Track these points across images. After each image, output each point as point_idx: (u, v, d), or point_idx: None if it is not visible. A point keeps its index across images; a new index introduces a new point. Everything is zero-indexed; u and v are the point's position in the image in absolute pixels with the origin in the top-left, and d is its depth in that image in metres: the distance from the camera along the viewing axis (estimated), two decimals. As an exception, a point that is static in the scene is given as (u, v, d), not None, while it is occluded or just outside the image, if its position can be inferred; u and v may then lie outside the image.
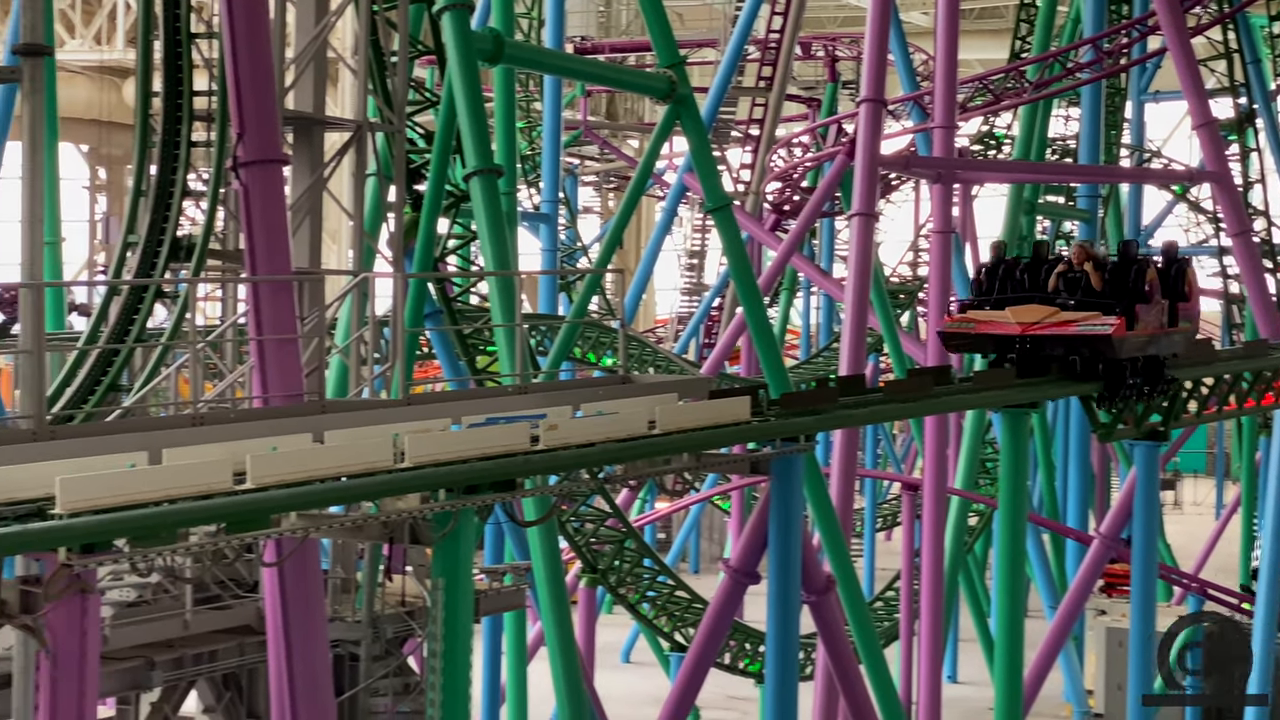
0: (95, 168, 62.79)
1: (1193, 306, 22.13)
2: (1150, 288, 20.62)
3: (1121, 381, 20.88)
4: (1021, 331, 20.28)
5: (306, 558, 15.39)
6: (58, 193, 27.45)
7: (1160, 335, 21.11)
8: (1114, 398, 21.21)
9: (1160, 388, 21.96)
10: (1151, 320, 20.73)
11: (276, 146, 15.46)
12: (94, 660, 12.37)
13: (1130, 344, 20.35)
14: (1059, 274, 20.81)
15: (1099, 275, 20.53)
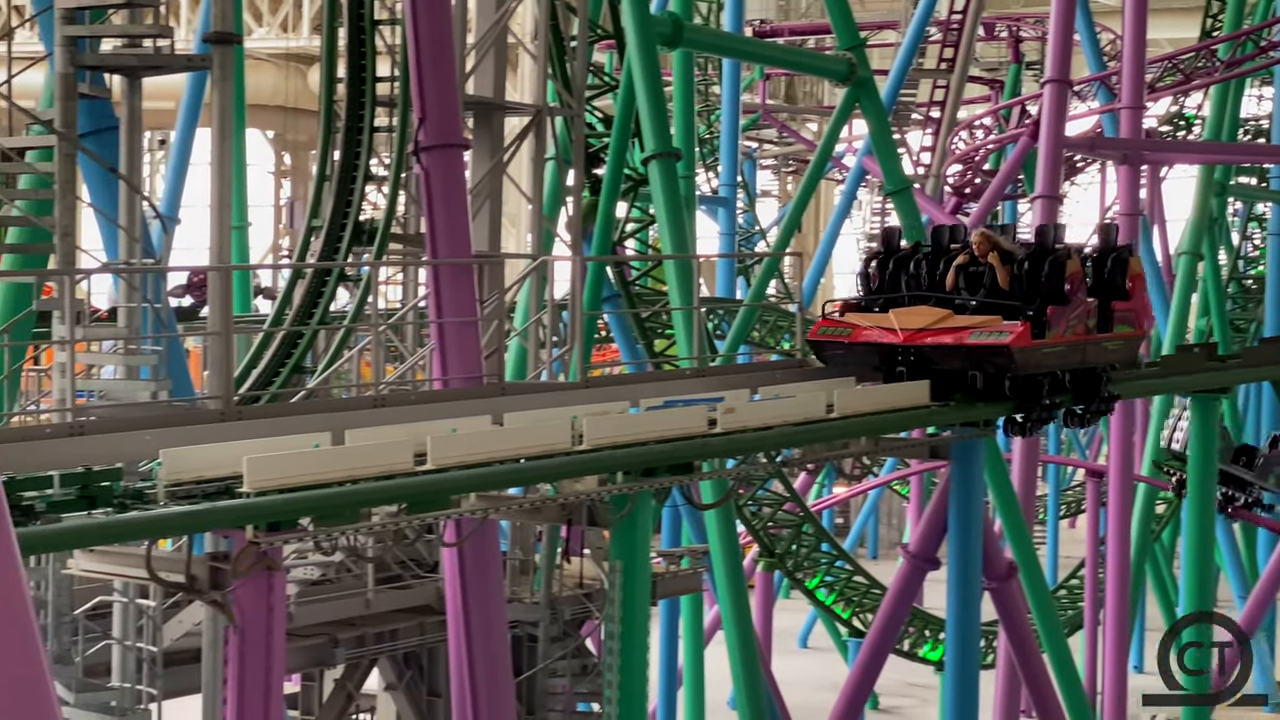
0: (281, 153, 63.87)
1: (1135, 305, 18.02)
2: (1071, 284, 16.66)
3: (1036, 401, 16.79)
4: (904, 341, 16.13)
5: (485, 539, 15.52)
6: (245, 178, 27.97)
7: (1085, 343, 17.09)
8: (1030, 423, 17.19)
9: (1096, 407, 17.96)
10: (1073, 325, 16.75)
11: (457, 131, 15.59)
12: (280, 636, 12.59)
13: (1038, 356, 16.32)
14: (958, 268, 16.77)
15: (1006, 270, 16.59)
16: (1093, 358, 17.35)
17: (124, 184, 13.71)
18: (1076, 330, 16.80)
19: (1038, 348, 16.18)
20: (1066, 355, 16.80)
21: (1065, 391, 17.30)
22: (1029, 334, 16.03)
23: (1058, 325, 16.45)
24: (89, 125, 13.98)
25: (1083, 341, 16.97)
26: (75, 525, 10.54)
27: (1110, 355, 17.75)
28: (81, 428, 11.83)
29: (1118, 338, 17.73)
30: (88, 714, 14.03)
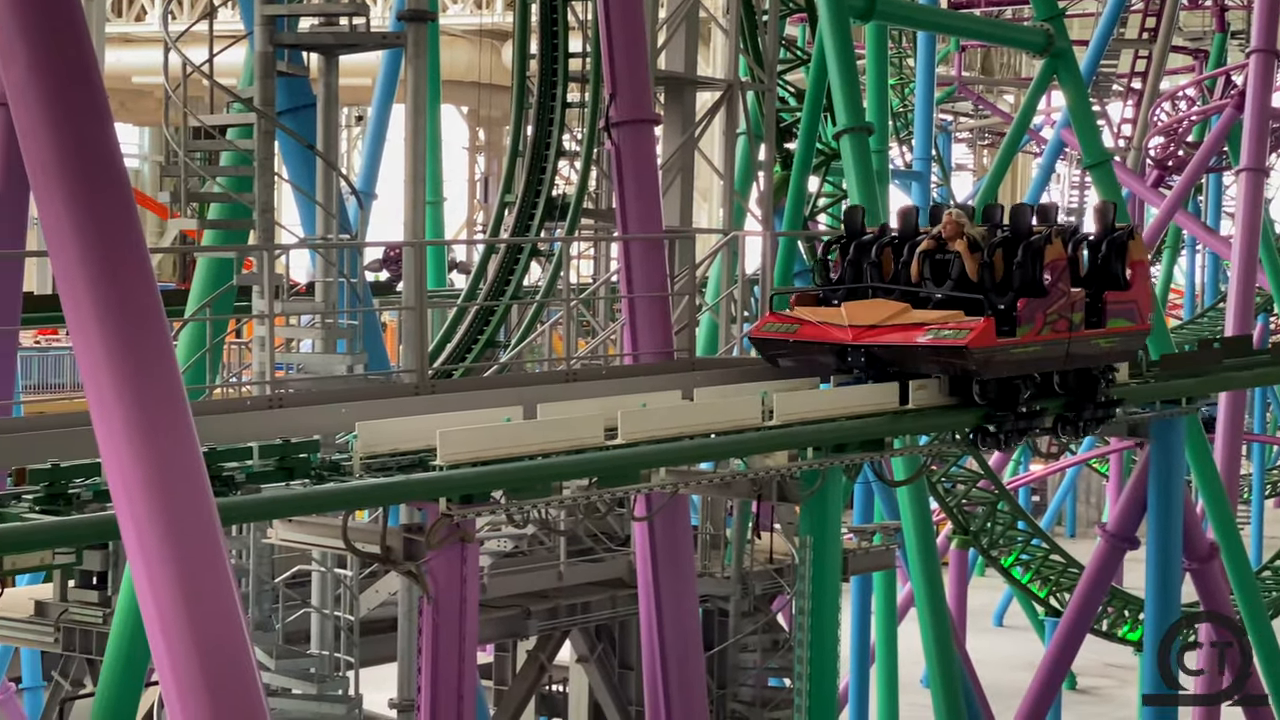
0: (475, 129, 64.50)
1: (1136, 296, 15.58)
2: (1050, 273, 14.49)
3: (1010, 408, 14.61)
4: (852, 339, 14.16)
5: (676, 513, 15.56)
6: (439, 154, 28.26)
7: (1069, 341, 14.80)
8: (1005, 433, 14.85)
9: (1092, 414, 15.66)
10: (1052, 320, 14.51)
11: (648, 106, 15.61)
12: (473, 607, 12.76)
13: (1004, 357, 14.17)
14: (922, 254, 14.68)
15: (975, 258, 14.47)
16: (1081, 357, 15.06)
17: (321, 160, 13.93)
18: (1057, 326, 14.52)
19: (1004, 348, 14.03)
20: (1044, 355, 14.55)
21: (1054, 396, 15.15)
22: (992, 331, 13.87)
23: (1031, 321, 14.20)
24: (287, 103, 14.22)
25: (1065, 339, 14.67)
26: (273, 496, 10.77)
27: (1104, 354, 15.43)
28: (280, 400, 12.08)
29: (1113, 333, 15.33)
30: (287, 680, 14.31)
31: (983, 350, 13.82)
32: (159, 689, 11.40)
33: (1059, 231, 14.74)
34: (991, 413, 14.45)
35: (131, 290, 7.78)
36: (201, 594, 7.87)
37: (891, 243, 14.98)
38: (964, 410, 14.45)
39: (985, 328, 13.81)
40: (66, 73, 7.75)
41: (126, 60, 48.20)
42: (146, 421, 7.75)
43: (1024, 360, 14.32)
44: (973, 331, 13.74)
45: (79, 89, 7.79)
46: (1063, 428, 15.41)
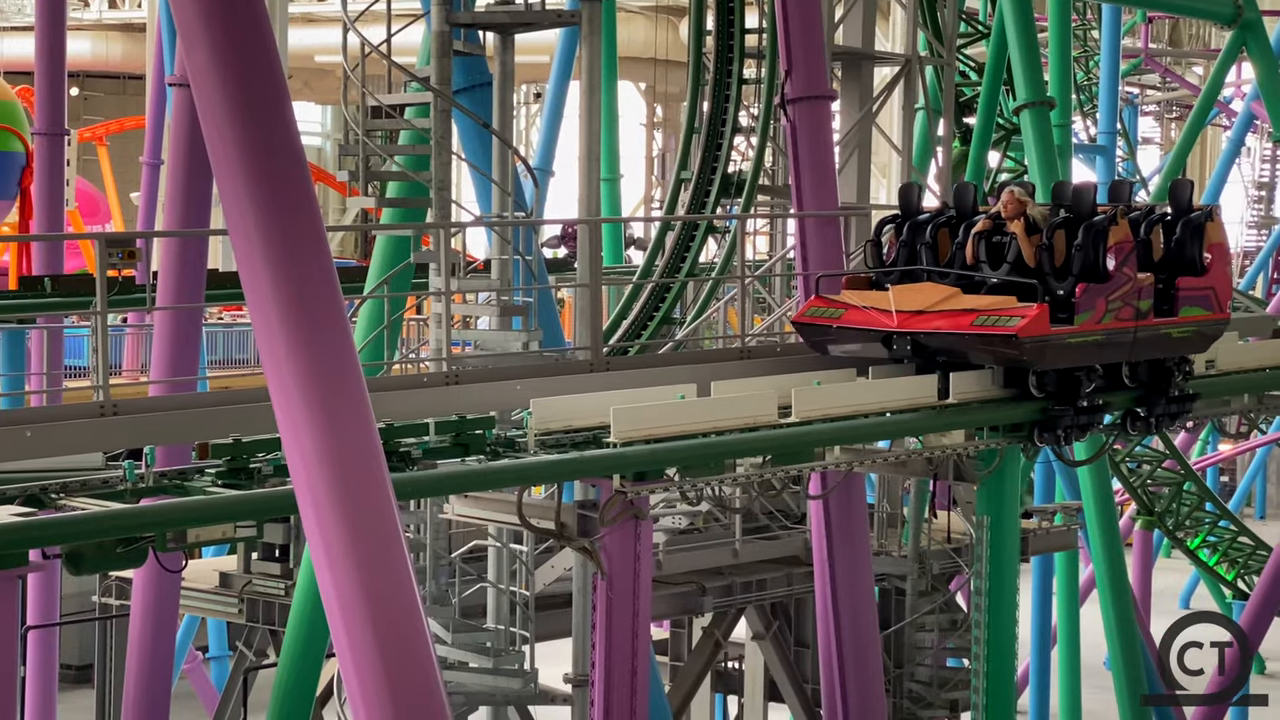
0: (652, 105, 64.59)
1: (1213, 282, 14.39)
2: (1115, 256, 13.41)
3: (1071, 401, 13.56)
4: (897, 325, 13.22)
5: (851, 491, 15.48)
6: (616, 131, 28.35)
7: (1135, 330, 13.70)
8: (1064, 429, 13.69)
9: (1164, 409, 14.47)
10: (1115, 307, 13.45)
11: (824, 82, 15.50)
12: (647, 583, 12.80)
13: (1060, 346, 13.16)
14: (977, 235, 13.70)
15: (1033, 239, 13.52)
16: (1149, 347, 13.95)
17: (496, 138, 14.03)
18: (1121, 314, 13.45)
19: (1060, 337, 13.02)
20: (1107, 345, 13.51)
21: (1123, 389, 14.09)
22: (1045, 319, 12.88)
23: (1091, 308, 13.18)
24: (463, 81, 14.35)
25: (1130, 328, 13.59)
26: (449, 472, 10.91)
27: (1176, 344, 14.24)
28: (456, 377, 12.20)
29: (1186, 322, 14.15)
30: (464, 653, 14.49)
31: (1035, 339, 12.80)
32: (338, 660, 11.58)
33: (1125, 212, 13.68)
34: (1050, 407, 13.43)
35: (308, 268, 7.89)
36: (377, 568, 7.97)
37: (949, 223, 14.05)
38: (1019, 404, 13.42)
39: (1038, 315, 12.80)
40: (246, 55, 7.87)
41: (309, 40, 48.95)
42: (323, 397, 7.86)
43: (1083, 350, 13.28)
44: (1025, 319, 12.75)
45: (258, 71, 7.90)
46: (1132, 423, 14.40)
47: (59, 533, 9.22)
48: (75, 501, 9.52)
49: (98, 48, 56.42)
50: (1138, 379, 14.06)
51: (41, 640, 19.13)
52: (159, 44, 25.28)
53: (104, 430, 10.30)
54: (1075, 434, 13.75)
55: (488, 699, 14.97)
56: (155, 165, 27.11)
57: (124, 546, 9.29)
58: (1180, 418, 14.75)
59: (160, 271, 14.51)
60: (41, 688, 18.84)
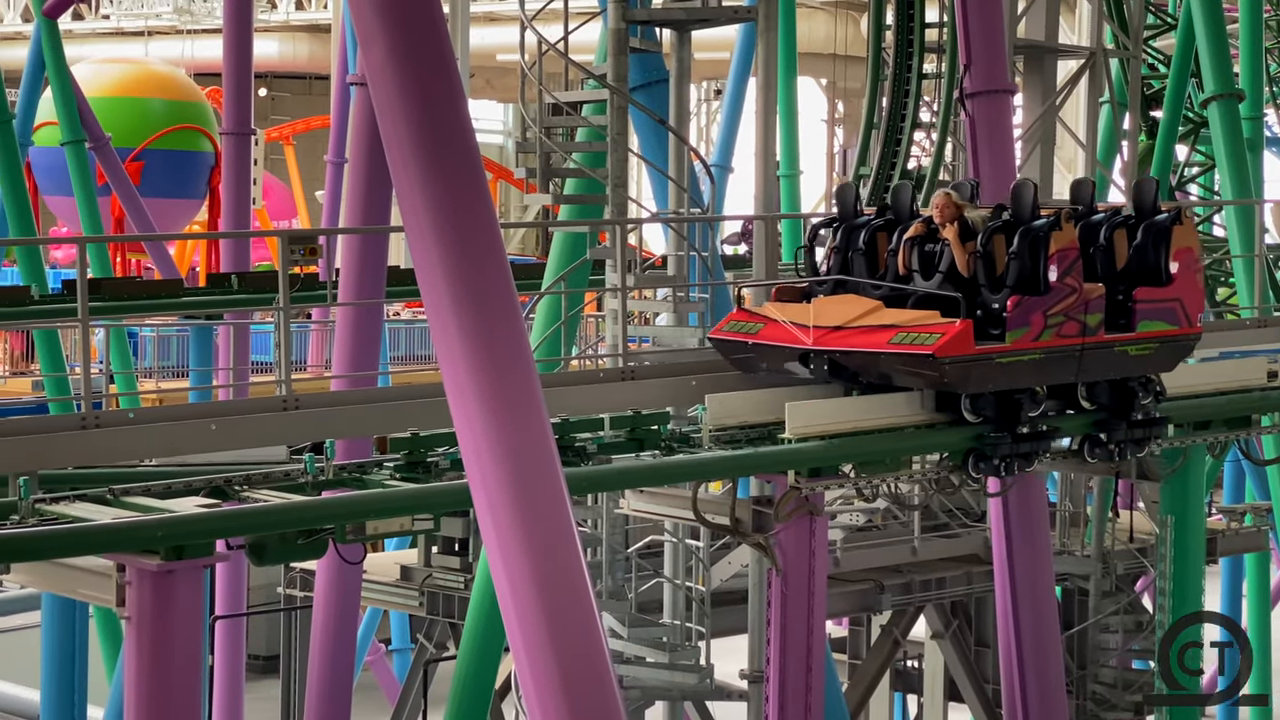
0: (833, 101, 64.30)
1: (1180, 293, 12.68)
2: (1058, 264, 11.84)
3: (1010, 426, 11.99)
4: (813, 342, 11.75)
5: (1031, 489, 15.26)
6: (796, 127, 28.23)
7: (1083, 348, 12.11)
8: (1003, 459, 12.04)
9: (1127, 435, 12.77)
10: (1055, 322, 11.89)
11: (1004, 76, 15.31)
12: (822, 580, 12.76)
13: (985, 368, 11.63)
14: (909, 241, 12.22)
15: (965, 247, 11.94)
16: (1101, 367, 12.35)
17: (673, 135, 14.05)
18: (1064, 330, 11.92)
19: (987, 356, 11.56)
20: (1046, 366, 11.96)
21: (1080, 413, 12.56)
22: (968, 337, 11.43)
23: (1026, 323, 11.69)
24: (640, 78, 14.39)
25: (1075, 346, 12.05)
26: (624, 467, 10.97)
27: (1134, 364, 12.54)
28: (633, 372, 12.24)
29: (1146, 339, 12.45)
30: (640, 648, 14.53)
31: (956, 360, 11.35)
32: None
33: (1071, 214, 12.10)
34: (986, 433, 11.94)
35: (482, 264, 7.97)
36: (550, 563, 8.02)
37: (887, 227, 12.53)
38: (950, 430, 11.93)
39: (960, 332, 11.37)
40: (422, 53, 7.97)
41: (490, 38, 49.46)
42: (497, 392, 7.93)
43: (1018, 371, 11.76)
44: (944, 337, 11.33)
45: (433, 68, 7.99)
46: (1091, 450, 12.80)
47: (242, 524, 9.43)
48: (258, 494, 9.72)
49: (284, 49, 57.51)
50: (1097, 401, 12.53)
51: (229, 630, 19.52)
52: (343, 44, 25.66)
53: (287, 424, 10.49)
54: (1018, 464, 12.12)
55: (663, 694, 15.02)
56: (339, 164, 27.51)
57: (305, 538, 9.47)
58: (1147, 444, 12.96)
59: (342, 268, 14.73)
60: (229, 677, 19.22)
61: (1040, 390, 12.03)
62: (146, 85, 40.82)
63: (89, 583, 9.29)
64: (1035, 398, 12.02)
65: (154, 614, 9.05)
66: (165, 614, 9.07)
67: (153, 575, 8.98)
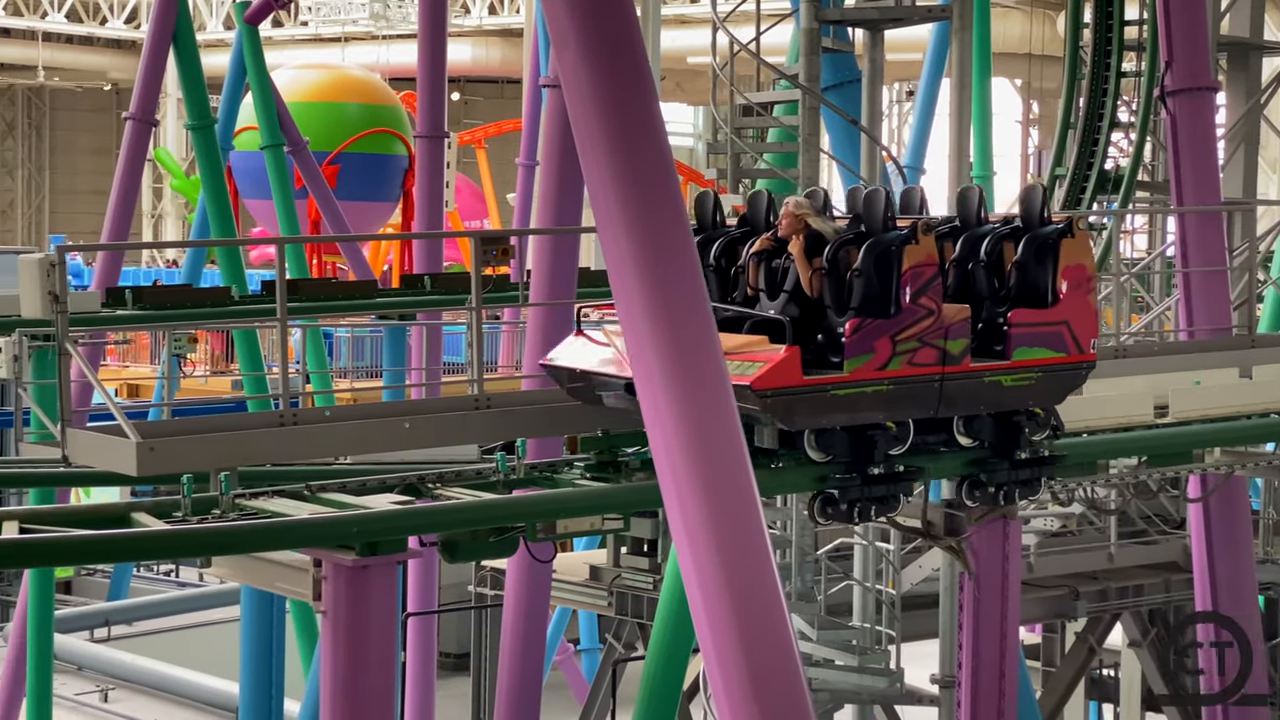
0: (1028, 102, 63.50)
1: (1069, 315, 10.90)
2: (912, 283, 10.27)
3: (863, 464, 10.45)
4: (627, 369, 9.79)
5: (1233, 496, 14.94)
6: (989, 128, 27.92)
7: (940, 377, 10.44)
8: (851, 503, 10.51)
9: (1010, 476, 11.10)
10: (908, 349, 10.28)
11: (1207, 73, 15.00)
12: (1015, 585, 12.59)
13: (816, 401, 10.07)
14: (755, 256, 10.71)
15: (811, 263, 10.39)
16: (968, 400, 10.68)
17: (865, 135, 13.96)
18: (918, 358, 10.32)
19: (821, 388, 10.03)
20: (896, 399, 10.33)
21: (956, 449, 10.93)
22: (795, 366, 9.92)
23: (870, 350, 10.14)
24: (832, 78, 14.32)
25: (934, 375, 10.41)
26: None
27: (1010, 396, 10.83)
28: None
29: (1024, 367, 10.75)
30: (829, 650, 14.45)
31: (778, 392, 9.86)
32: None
33: (929, 225, 10.54)
34: (830, 475, 10.42)
35: (673, 265, 7.97)
36: (740, 563, 7.99)
37: (743, 239, 11.01)
38: (797, 469, 10.37)
39: (784, 361, 9.87)
40: (615, 54, 7.99)
41: (682, 41, 49.60)
42: (687, 392, 7.93)
43: (859, 404, 10.20)
44: (764, 366, 9.84)
45: (626, 70, 8.01)
46: (970, 493, 11.15)
47: (435, 521, 9.55)
48: (450, 491, 9.82)
49: (477, 53, 58.22)
50: (977, 435, 10.87)
51: (421, 627, 19.79)
52: (535, 47, 25.91)
53: (478, 423, 10.58)
54: (875, 508, 10.59)
55: (853, 697, 14.93)
56: (530, 166, 27.77)
57: (496, 536, 9.57)
58: (1034, 485, 11.27)
59: (533, 269, 14.84)
60: (421, 673, 19.48)
61: (891, 426, 10.40)
62: (343, 90, 41.62)
63: (287, 577, 9.47)
64: (898, 434, 10.44)
65: (349, 608, 9.20)
66: (360, 609, 9.21)
67: (348, 570, 9.13)
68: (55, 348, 9.61)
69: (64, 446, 9.54)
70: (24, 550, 9.31)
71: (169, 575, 33.66)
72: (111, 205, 23.50)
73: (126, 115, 23.82)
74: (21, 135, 73.87)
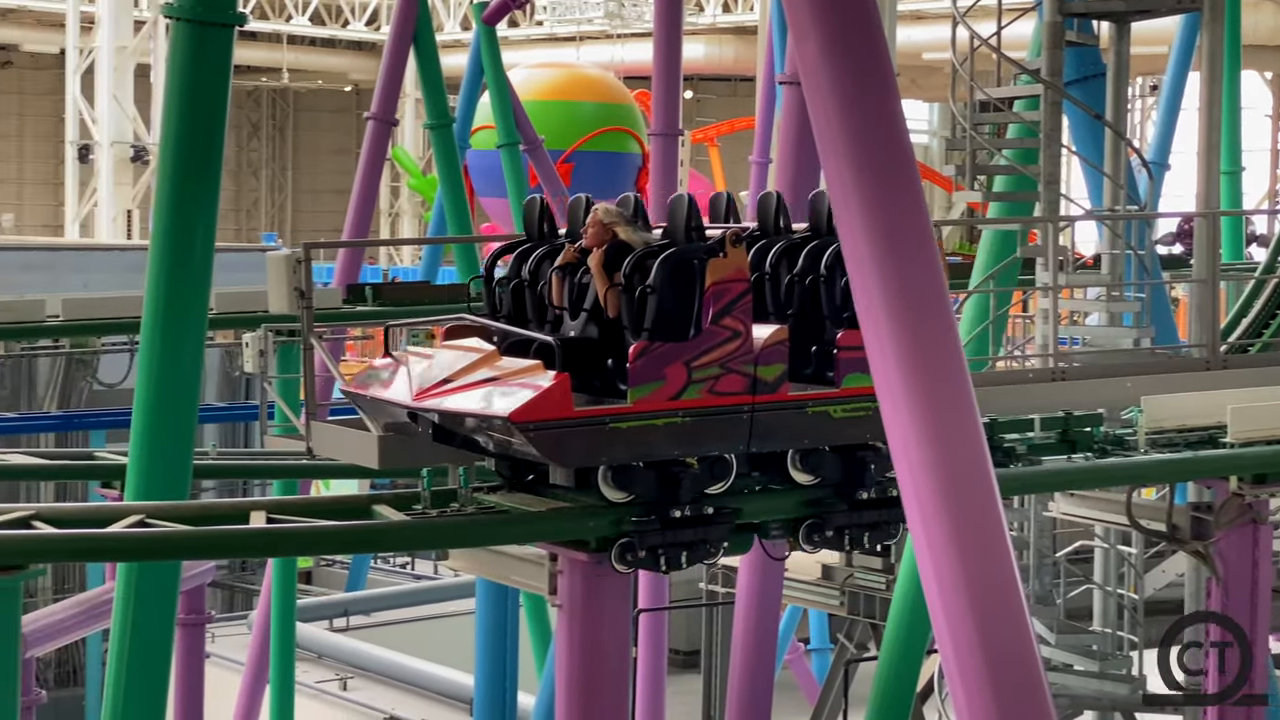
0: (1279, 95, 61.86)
1: None
2: (714, 302, 9.11)
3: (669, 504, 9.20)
4: (415, 399, 9.10)
5: None
6: (1238, 122, 27.23)
7: (750, 407, 9.18)
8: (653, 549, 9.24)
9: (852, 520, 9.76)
10: (708, 376, 9.04)
11: None
12: (1266, 591, 12.29)
13: (595, 436, 8.84)
14: (559, 271, 9.62)
15: (608, 280, 9.30)
16: (787, 434, 9.39)
17: (1109, 131, 13.67)
18: (720, 385, 9.07)
19: (597, 420, 8.83)
20: (694, 433, 9.05)
21: (794, 488, 9.64)
22: (564, 396, 8.73)
23: (657, 377, 8.93)
24: (1075, 72, 14.06)
25: (743, 406, 9.15)
26: (1055, 469, 10.75)
27: (839, 430, 9.47)
28: (1063, 373, 11.98)
29: (860, 396, 9.27)
30: (1068, 655, 14.19)
31: (544, 425, 8.69)
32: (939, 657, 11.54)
33: (738, 236, 9.34)
34: (625, 517, 9.18)
35: (914, 262, 7.86)
36: (980, 565, 7.86)
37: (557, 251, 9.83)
38: (591, 511, 9.23)
39: (550, 391, 8.70)
40: (856, 48, 7.90)
41: (917, 37, 49.20)
42: (927, 391, 7.82)
43: (647, 440, 8.96)
44: (528, 396, 8.69)
45: (868, 64, 7.92)
46: (809, 536, 9.74)
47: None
48: (686, 488, 9.79)
49: (711, 51, 58.36)
50: (816, 470, 9.59)
51: (651, 624, 19.85)
52: (769, 44, 25.85)
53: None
54: (685, 555, 9.35)
55: (1093, 703, 14.63)
56: (763, 164, 27.70)
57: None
58: (888, 529, 9.86)
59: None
60: (651, 670, 19.54)
61: (689, 463, 9.16)
62: (578, 89, 42.04)
63: (522, 570, 9.57)
64: (696, 472, 9.19)
65: (585, 603, 9.26)
66: (595, 603, 9.27)
67: (584, 565, 9.18)
68: (300, 343, 9.83)
69: (308, 439, 9.74)
70: (274, 539, 9.55)
71: (404, 568, 34.31)
72: (352, 204, 23.97)
73: (367, 115, 24.25)
74: (266, 136, 75.90)
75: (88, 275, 30.42)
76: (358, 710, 23.28)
